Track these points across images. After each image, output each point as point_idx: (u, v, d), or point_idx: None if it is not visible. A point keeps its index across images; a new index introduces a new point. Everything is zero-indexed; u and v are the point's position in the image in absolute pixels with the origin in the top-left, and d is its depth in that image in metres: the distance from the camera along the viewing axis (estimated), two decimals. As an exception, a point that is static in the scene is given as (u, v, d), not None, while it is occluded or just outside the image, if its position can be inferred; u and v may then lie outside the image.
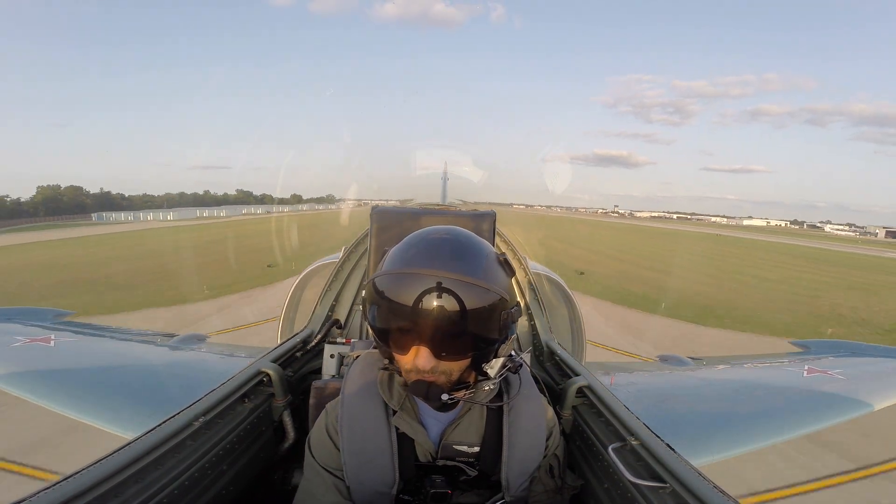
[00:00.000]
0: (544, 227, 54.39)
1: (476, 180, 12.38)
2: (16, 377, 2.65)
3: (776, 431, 2.58)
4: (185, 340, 3.78)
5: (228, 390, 1.65)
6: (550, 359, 2.39)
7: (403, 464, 1.15)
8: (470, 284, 0.98)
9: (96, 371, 2.96)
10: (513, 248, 3.46)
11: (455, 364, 1.05)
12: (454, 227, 1.13)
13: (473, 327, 1.00)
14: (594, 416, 1.70)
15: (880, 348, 4.15)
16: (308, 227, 42.28)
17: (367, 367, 1.25)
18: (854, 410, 2.80)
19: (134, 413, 2.38)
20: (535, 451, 1.23)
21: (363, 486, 1.12)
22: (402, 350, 1.05)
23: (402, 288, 0.99)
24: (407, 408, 1.17)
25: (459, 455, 1.19)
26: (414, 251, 1.04)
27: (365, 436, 1.14)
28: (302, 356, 2.32)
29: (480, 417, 1.22)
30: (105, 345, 3.64)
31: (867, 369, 3.60)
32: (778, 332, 12.00)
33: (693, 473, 1.16)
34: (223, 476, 1.47)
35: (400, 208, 2.84)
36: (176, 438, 1.32)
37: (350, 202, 58.02)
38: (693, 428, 2.57)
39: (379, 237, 2.54)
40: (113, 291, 14.88)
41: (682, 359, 4.11)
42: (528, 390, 1.27)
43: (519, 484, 1.19)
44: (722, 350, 9.93)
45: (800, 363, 3.71)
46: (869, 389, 3.04)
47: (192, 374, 3.11)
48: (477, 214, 2.61)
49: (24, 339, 3.15)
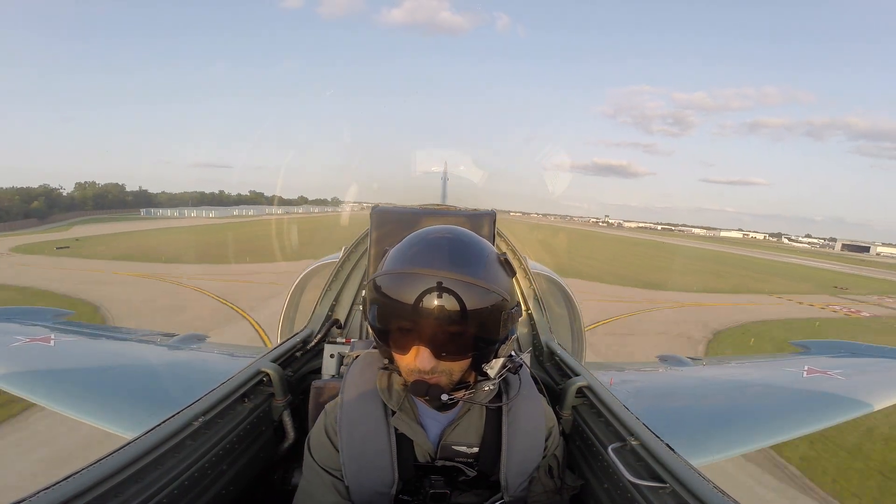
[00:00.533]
0: (529, 230, 65.99)
1: (476, 180, 12.27)
2: (16, 377, 2.65)
3: (776, 431, 2.58)
4: (185, 340, 3.78)
5: (228, 390, 1.65)
6: (550, 359, 2.39)
7: (402, 464, 1.15)
8: (471, 284, 0.98)
9: (96, 371, 2.96)
10: (513, 247, 3.46)
11: (455, 364, 1.04)
12: (455, 227, 1.13)
13: (474, 327, 1.00)
14: (594, 416, 1.70)
15: (880, 348, 4.15)
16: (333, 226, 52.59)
17: (366, 367, 1.25)
18: (854, 410, 2.80)
19: (134, 413, 2.38)
20: (534, 451, 1.23)
21: (362, 486, 1.12)
22: (403, 350, 1.04)
23: (402, 287, 0.99)
24: (406, 408, 1.17)
25: (458, 456, 1.19)
26: (415, 251, 1.04)
27: (364, 436, 1.14)
28: (302, 356, 2.32)
29: (480, 418, 1.22)
30: (105, 345, 3.64)
31: (867, 369, 3.60)
32: (590, 277, 26.22)
33: (693, 473, 1.16)
34: (223, 476, 1.47)
35: (400, 208, 2.83)
36: (176, 438, 1.32)
37: (366, 205, 64.89)
38: (693, 428, 2.57)
39: (379, 237, 2.53)
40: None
41: (681, 359, 4.11)
42: (528, 391, 1.27)
43: (518, 484, 1.19)
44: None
45: (800, 363, 3.71)
46: (869, 389, 3.04)
47: (192, 374, 3.11)
48: (477, 214, 2.61)
49: (24, 339, 3.15)
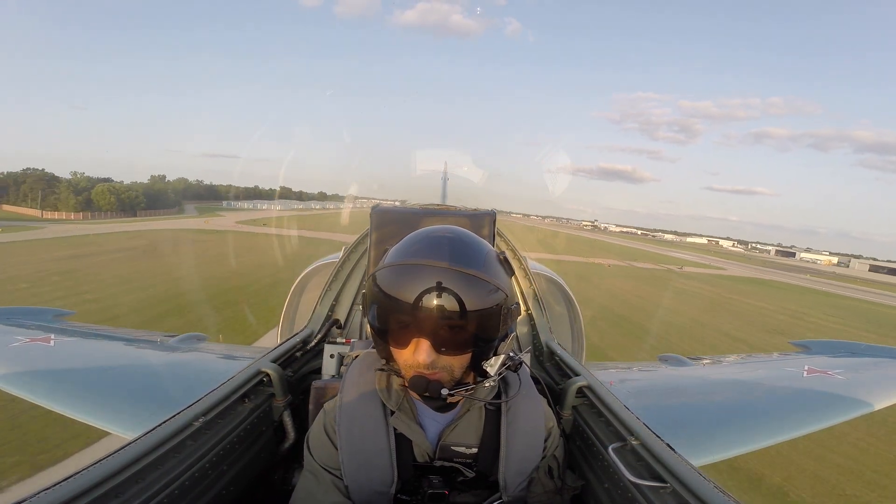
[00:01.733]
0: (514, 231, 74.65)
1: (476, 180, 12.32)
2: (16, 377, 2.65)
3: (776, 431, 2.57)
4: (185, 340, 3.77)
5: (228, 390, 1.64)
6: (550, 359, 2.39)
7: (401, 464, 1.15)
8: (471, 278, 0.99)
9: (96, 371, 2.96)
10: (513, 247, 3.46)
11: (455, 360, 1.04)
12: (455, 226, 1.14)
13: (473, 322, 1.00)
14: (594, 416, 1.69)
15: (880, 348, 4.14)
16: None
17: (365, 367, 1.25)
18: (854, 410, 2.79)
19: (134, 413, 2.37)
20: (533, 451, 1.23)
21: (361, 485, 1.12)
22: (402, 344, 1.04)
23: (403, 280, 1.00)
24: (405, 408, 1.17)
25: (457, 456, 1.19)
26: (415, 247, 1.05)
27: (363, 436, 1.14)
28: (302, 356, 2.32)
29: (479, 418, 1.22)
30: (105, 345, 3.63)
31: (867, 369, 3.59)
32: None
33: (693, 473, 1.16)
34: (223, 476, 1.47)
35: (400, 208, 2.83)
36: (176, 439, 1.31)
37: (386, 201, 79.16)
38: (693, 428, 2.57)
39: (379, 237, 2.53)
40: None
41: (681, 359, 4.10)
42: (527, 390, 1.27)
43: (516, 484, 1.19)
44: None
45: (800, 363, 3.70)
46: (869, 389, 3.04)
47: (192, 374, 3.10)
48: (477, 214, 2.61)
49: (24, 339, 3.15)
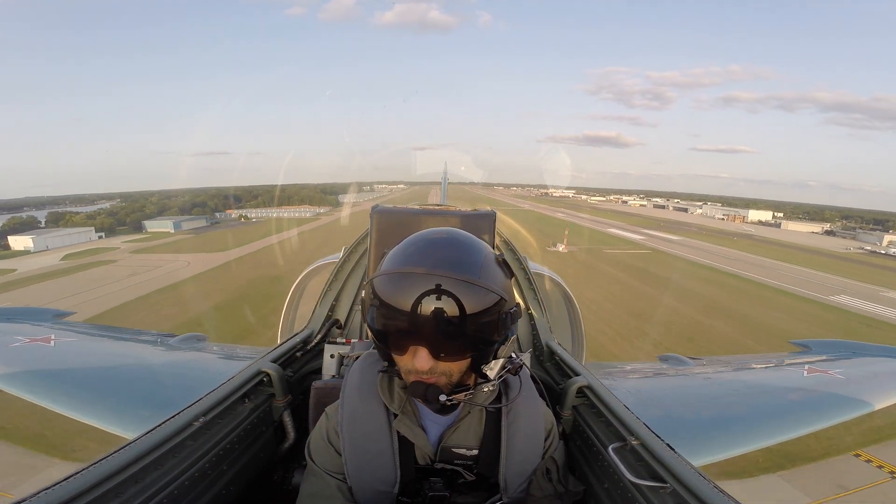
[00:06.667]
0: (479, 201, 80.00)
1: (476, 180, 12.46)
2: (16, 377, 2.65)
3: (776, 431, 2.57)
4: (185, 340, 3.77)
5: (228, 390, 1.64)
6: (550, 359, 2.39)
7: (403, 466, 1.15)
8: (468, 284, 0.98)
9: (96, 371, 2.96)
10: (512, 248, 3.46)
11: (454, 365, 1.04)
12: (453, 228, 1.14)
13: (472, 328, 0.99)
14: (594, 416, 1.69)
15: (880, 348, 4.13)
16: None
17: (366, 368, 1.24)
18: (854, 410, 2.79)
19: (134, 413, 2.37)
20: (534, 453, 1.23)
21: (364, 485, 1.12)
22: (401, 351, 1.04)
23: (400, 288, 0.99)
24: (407, 411, 1.17)
25: (458, 458, 1.19)
26: (413, 252, 1.04)
27: (366, 437, 1.14)
28: (302, 356, 2.31)
29: (479, 421, 1.21)
30: (105, 345, 3.63)
31: (867, 369, 3.59)
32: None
33: (693, 473, 1.16)
34: (223, 476, 1.47)
35: (401, 208, 2.83)
36: (176, 439, 1.31)
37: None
38: (693, 428, 2.56)
39: (379, 237, 2.53)
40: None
41: (682, 359, 4.10)
42: (528, 393, 1.27)
43: (517, 485, 1.19)
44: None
45: (800, 363, 3.70)
46: (869, 389, 3.04)
47: (192, 374, 3.10)
48: (477, 214, 2.61)
49: (24, 339, 3.15)
